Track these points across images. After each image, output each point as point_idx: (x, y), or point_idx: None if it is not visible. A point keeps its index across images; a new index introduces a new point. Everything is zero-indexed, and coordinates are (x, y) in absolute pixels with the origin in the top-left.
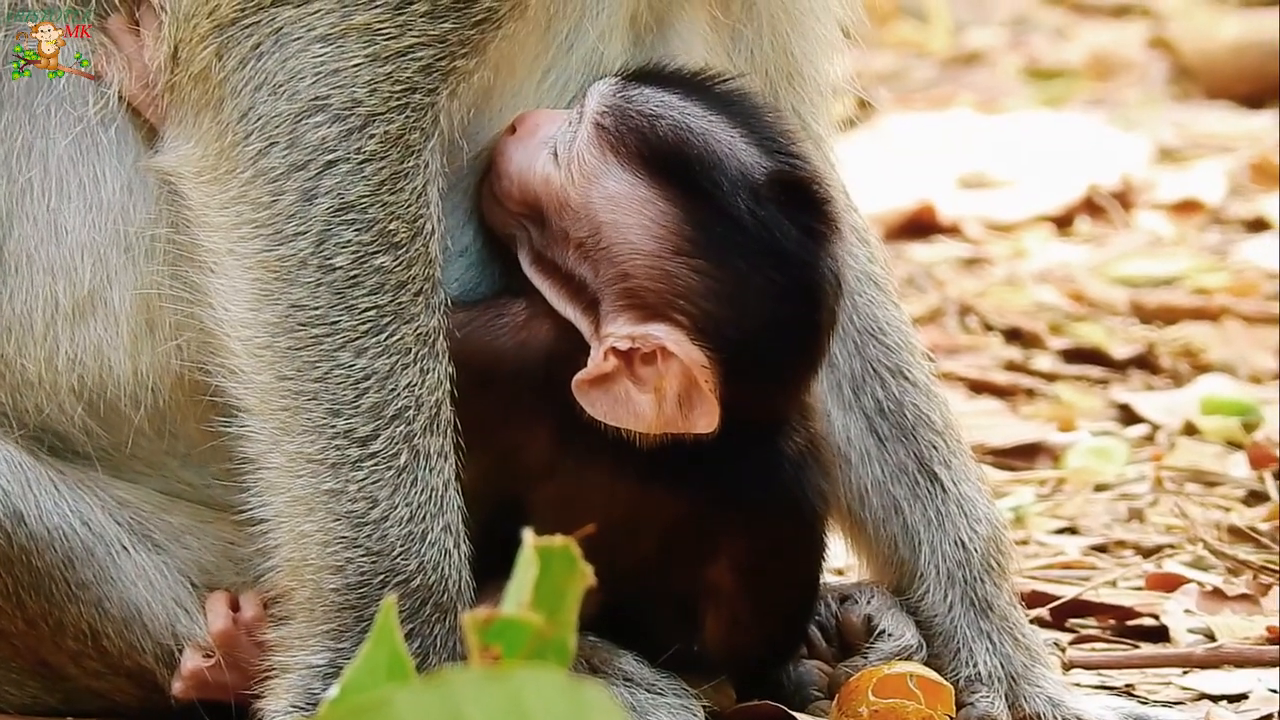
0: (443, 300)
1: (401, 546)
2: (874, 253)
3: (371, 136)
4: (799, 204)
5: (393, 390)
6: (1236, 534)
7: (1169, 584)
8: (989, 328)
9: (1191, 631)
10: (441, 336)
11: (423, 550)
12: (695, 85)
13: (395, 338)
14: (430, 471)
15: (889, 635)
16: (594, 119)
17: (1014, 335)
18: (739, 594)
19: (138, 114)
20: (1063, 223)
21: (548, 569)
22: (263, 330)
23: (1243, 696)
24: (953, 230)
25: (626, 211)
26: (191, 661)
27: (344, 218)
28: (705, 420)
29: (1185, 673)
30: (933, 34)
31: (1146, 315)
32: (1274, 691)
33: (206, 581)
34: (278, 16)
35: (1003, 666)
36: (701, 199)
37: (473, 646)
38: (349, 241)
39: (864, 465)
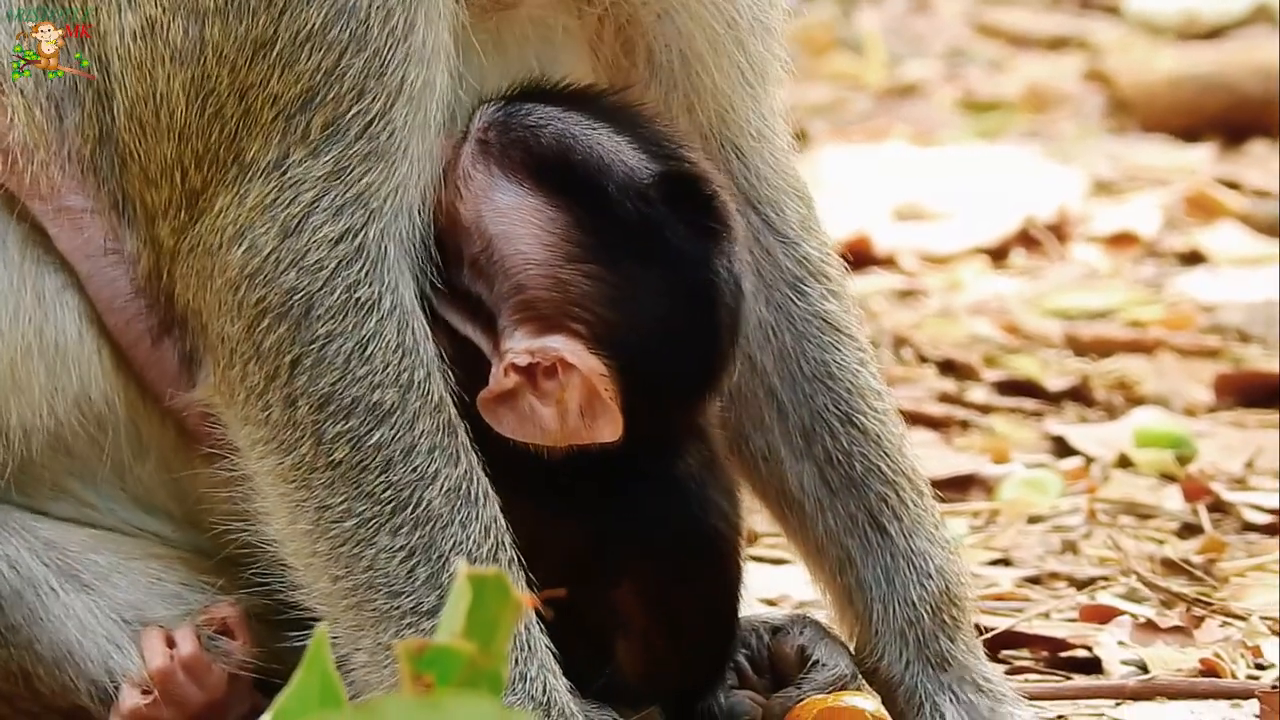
0: (466, 441)
1: None
2: (832, 287)
3: (318, 319)
4: (688, 203)
5: (439, 557)
6: (1170, 566)
7: (1102, 616)
8: (923, 360)
9: (1125, 663)
10: (475, 480)
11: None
12: (579, 98)
13: (423, 505)
14: None
15: (823, 665)
16: (477, 137)
17: (948, 367)
18: (647, 619)
19: None
20: (998, 255)
21: (480, 598)
22: (303, 540)
23: None
24: (888, 262)
25: (516, 222)
26: (130, 699)
27: (327, 412)
28: (609, 429)
29: (1118, 704)
30: (869, 67)
31: (1081, 348)
32: None
33: (137, 618)
34: (199, 237)
35: (968, 713)
36: (589, 204)
37: (405, 674)
38: (341, 433)
39: (818, 515)
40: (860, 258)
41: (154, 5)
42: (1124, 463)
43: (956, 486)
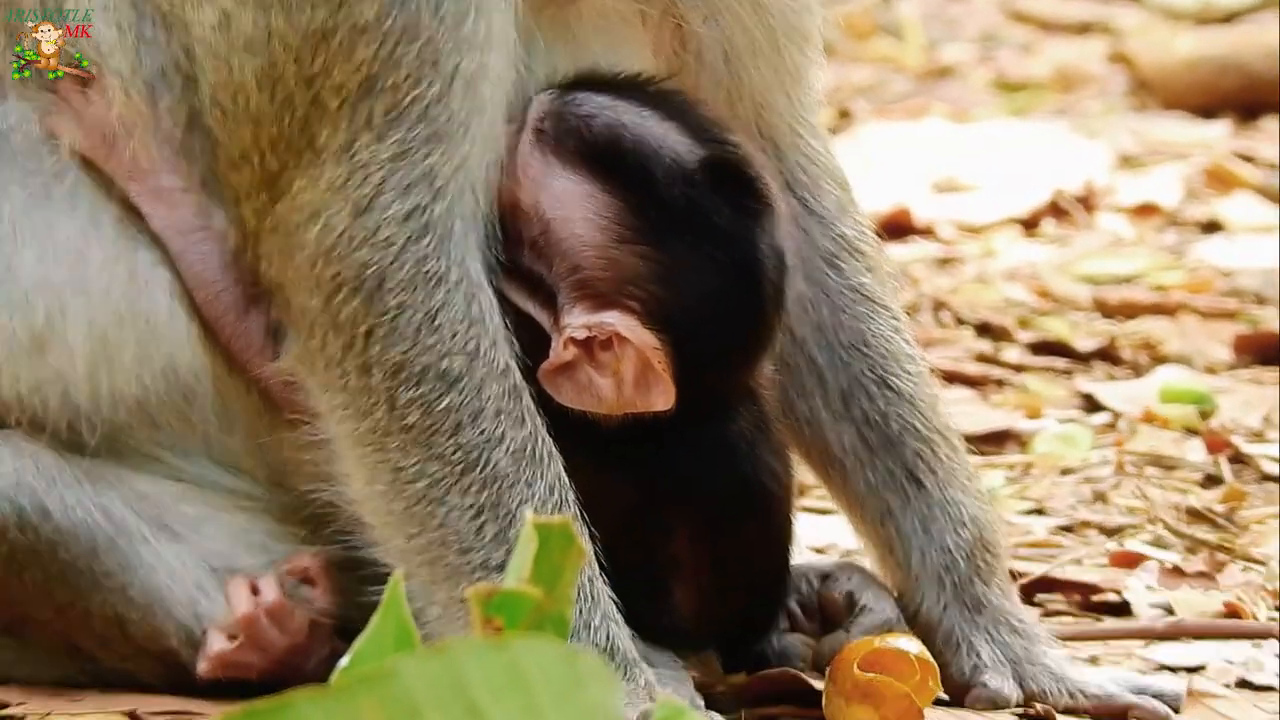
0: (530, 405)
1: None
2: (867, 263)
3: (389, 291)
4: (731, 185)
5: (506, 514)
6: (1194, 515)
7: (1131, 562)
8: (961, 322)
9: (1152, 606)
10: (540, 441)
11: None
12: (628, 86)
13: (490, 466)
14: None
15: (869, 610)
16: (534, 126)
17: (984, 329)
18: (702, 569)
19: (91, 165)
20: (1030, 224)
21: (546, 546)
22: (379, 500)
23: (1200, 668)
24: (927, 232)
25: (571, 207)
26: (216, 644)
27: (399, 379)
28: (662, 399)
29: (1146, 645)
30: (908, 50)
31: (1108, 310)
32: (1230, 663)
33: (224, 565)
34: (280, 218)
35: (1003, 653)
36: (639, 188)
37: (476, 618)
38: (413, 399)
39: (858, 471)
40: (901, 228)
41: None
42: (1149, 418)
43: (993, 441)
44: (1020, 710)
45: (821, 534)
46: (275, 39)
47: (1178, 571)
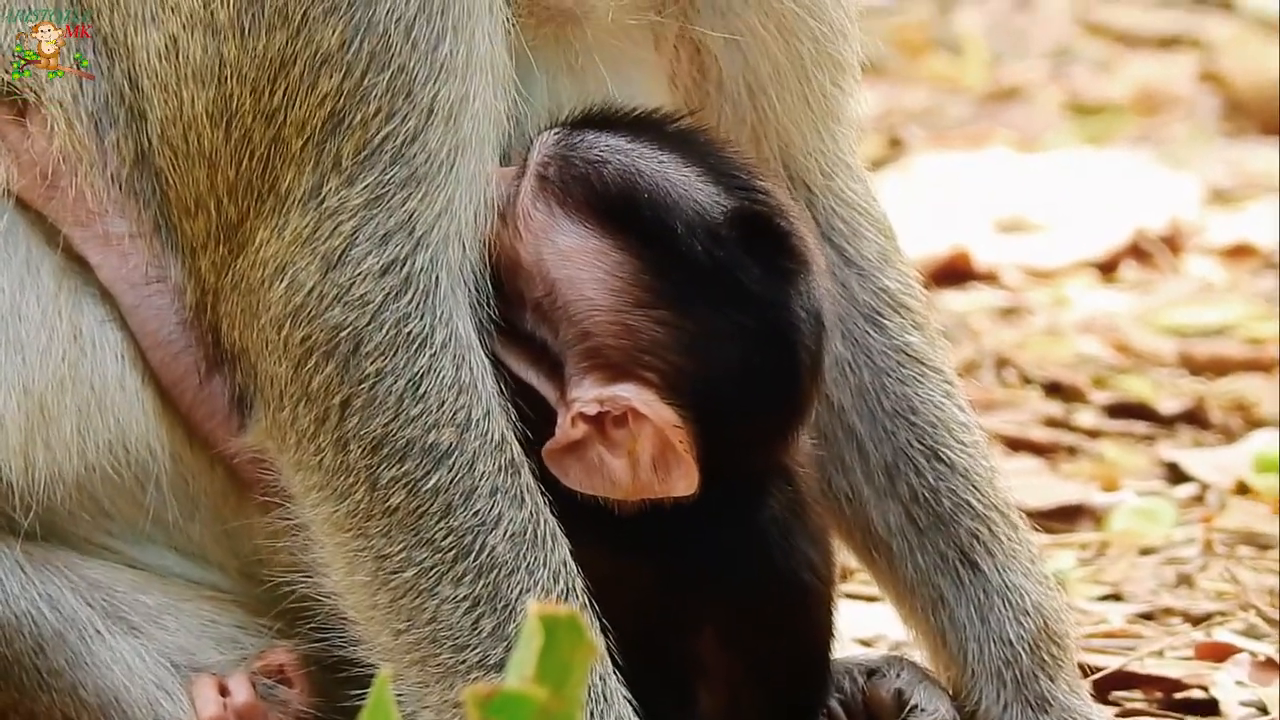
0: (530, 481)
1: None
2: (916, 318)
3: (367, 356)
4: (762, 241)
5: (505, 606)
6: None
7: (1220, 654)
8: (1027, 381)
9: (1244, 705)
10: (541, 522)
11: None
12: (645, 125)
13: (486, 552)
14: None
15: (922, 710)
16: (536, 171)
17: (1054, 389)
18: (732, 667)
19: (26, 207)
20: (1107, 269)
21: (551, 640)
22: (362, 592)
23: None
24: (989, 277)
25: (580, 266)
26: None
27: (381, 455)
28: (684, 482)
29: None
30: (968, 67)
31: (1196, 367)
32: None
33: (189, 662)
34: (241, 274)
35: None
36: (657, 245)
37: None
38: (396, 478)
39: (907, 554)
40: (960, 273)
41: (175, 22)
42: (1242, 490)
43: (1063, 517)
44: None
45: (867, 624)
46: (228, 68)
47: (1272, 665)
